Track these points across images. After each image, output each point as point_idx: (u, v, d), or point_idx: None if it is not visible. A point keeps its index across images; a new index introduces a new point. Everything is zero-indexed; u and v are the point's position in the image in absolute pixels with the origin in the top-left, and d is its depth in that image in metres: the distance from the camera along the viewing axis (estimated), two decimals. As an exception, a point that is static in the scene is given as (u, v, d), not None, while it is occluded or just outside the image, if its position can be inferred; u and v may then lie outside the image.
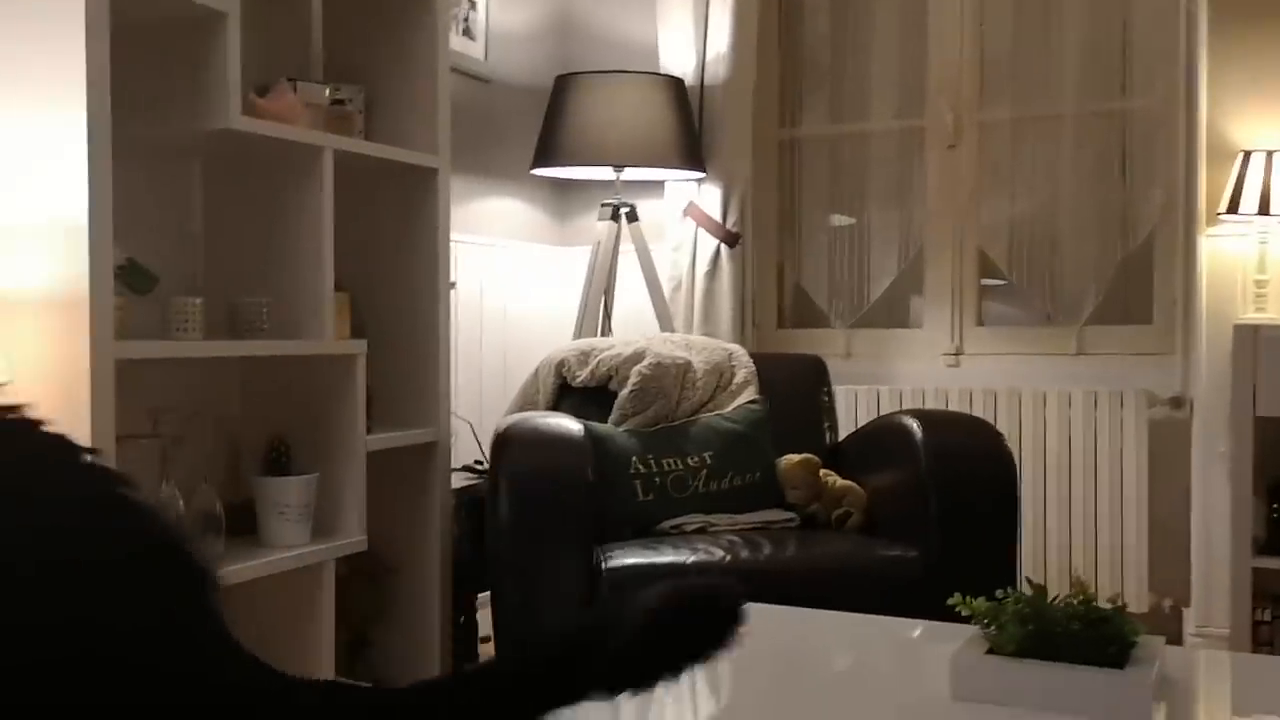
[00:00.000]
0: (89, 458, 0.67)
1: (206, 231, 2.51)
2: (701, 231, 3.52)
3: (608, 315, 3.40)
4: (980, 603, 1.45)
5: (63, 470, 0.64)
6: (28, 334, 1.92)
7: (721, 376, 2.99)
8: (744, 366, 3.03)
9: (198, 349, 2.18)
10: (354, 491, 2.47)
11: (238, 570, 2.17)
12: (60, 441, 0.67)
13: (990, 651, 1.41)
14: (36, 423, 0.67)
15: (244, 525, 2.36)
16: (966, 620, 1.47)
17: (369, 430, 2.51)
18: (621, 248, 3.41)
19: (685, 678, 0.76)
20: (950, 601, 1.47)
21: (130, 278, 2.12)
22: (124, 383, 1.98)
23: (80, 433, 1.87)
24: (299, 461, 2.43)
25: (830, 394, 3.08)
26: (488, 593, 3.05)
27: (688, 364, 2.94)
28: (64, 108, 1.90)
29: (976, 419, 2.79)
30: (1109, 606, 1.42)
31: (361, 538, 2.48)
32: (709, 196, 3.52)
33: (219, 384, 2.53)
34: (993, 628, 1.42)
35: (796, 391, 3.05)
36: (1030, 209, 3.48)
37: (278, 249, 2.43)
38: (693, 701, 1.47)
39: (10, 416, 0.66)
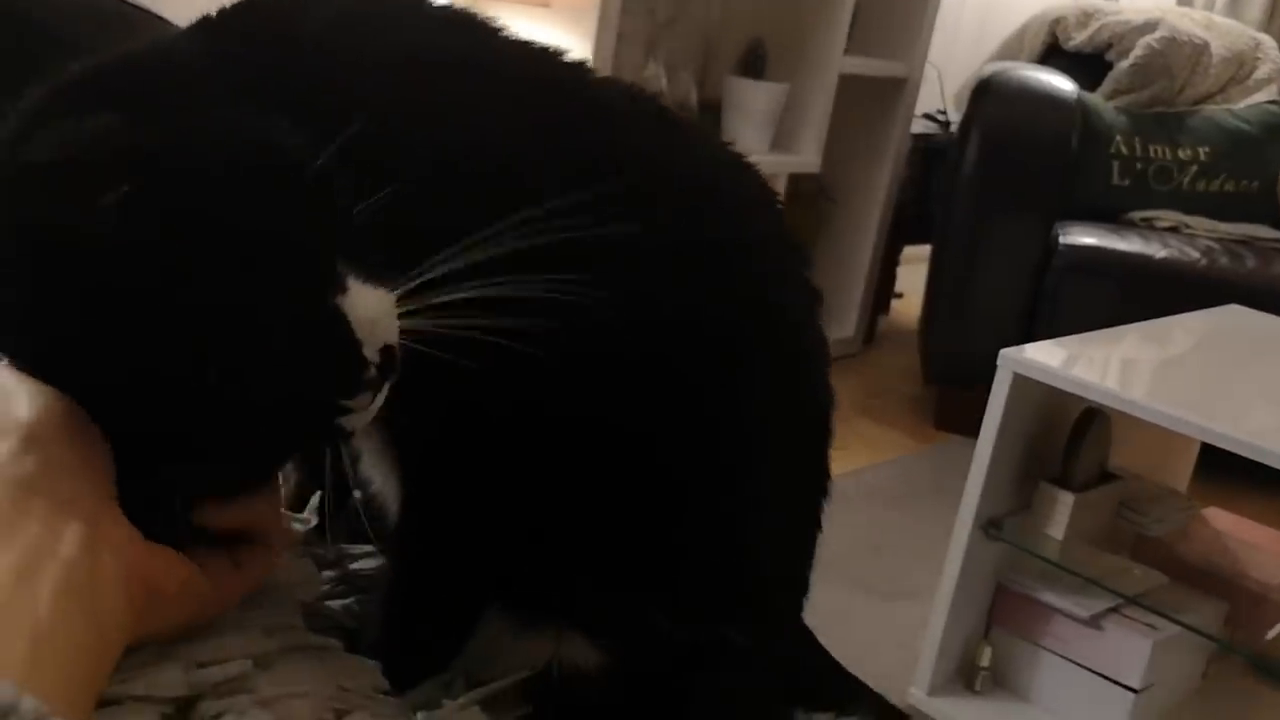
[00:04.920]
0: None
1: None
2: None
3: (1118, -23, 3.01)
4: None
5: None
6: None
7: (1241, 67, 2.61)
8: (1270, 61, 2.63)
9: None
10: (819, 111, 2.41)
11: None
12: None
13: None
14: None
15: (709, 125, 2.37)
16: None
17: (845, 51, 2.41)
18: (1155, -100, 2.97)
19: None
20: None
21: None
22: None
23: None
24: (772, 69, 2.38)
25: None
26: (911, 248, 2.99)
27: (1205, 45, 2.58)
28: None
29: None
30: None
31: (816, 160, 2.44)
32: None
33: (708, -25, 2.49)
34: None
35: (1326, 100, 2.63)
36: None
37: None
38: (1158, 377, 1.36)
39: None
